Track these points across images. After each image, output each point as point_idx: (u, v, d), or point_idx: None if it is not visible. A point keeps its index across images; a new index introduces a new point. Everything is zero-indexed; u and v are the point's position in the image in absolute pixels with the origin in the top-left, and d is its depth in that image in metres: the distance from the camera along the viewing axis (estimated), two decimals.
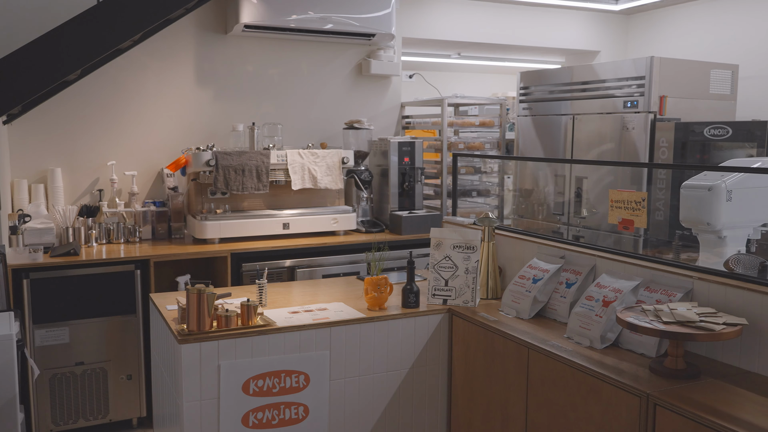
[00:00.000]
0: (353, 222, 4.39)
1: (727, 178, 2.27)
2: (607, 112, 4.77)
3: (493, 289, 2.91)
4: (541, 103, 5.31)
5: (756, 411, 1.76)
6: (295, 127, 4.77)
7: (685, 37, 5.61)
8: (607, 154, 4.74)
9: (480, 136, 5.32)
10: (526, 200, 5.46)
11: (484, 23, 5.52)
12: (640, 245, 4.54)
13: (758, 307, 2.01)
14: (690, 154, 4.36)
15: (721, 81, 4.70)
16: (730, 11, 5.24)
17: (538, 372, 2.30)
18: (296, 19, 4.38)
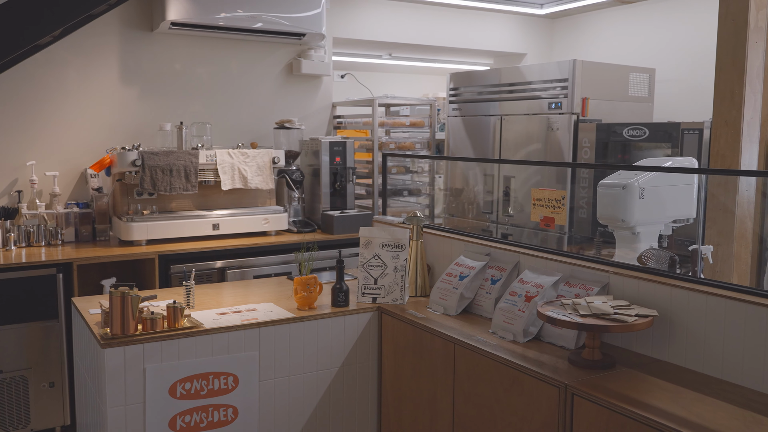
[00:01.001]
0: (285, 222, 4.37)
1: (639, 176, 2.38)
2: (533, 113, 4.91)
3: (421, 286, 2.96)
4: (471, 104, 5.42)
5: (665, 397, 1.86)
6: (225, 127, 4.71)
7: (606, 41, 5.83)
8: (535, 154, 4.88)
9: (411, 136, 5.38)
10: (456, 199, 5.56)
11: (415, 25, 5.59)
12: (564, 242, 4.69)
13: (668, 299, 2.12)
14: (612, 154, 4.53)
15: (639, 84, 4.91)
16: (647, 17, 5.48)
17: (464, 367, 2.36)
18: (225, 17, 4.33)
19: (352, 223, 4.42)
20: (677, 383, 1.96)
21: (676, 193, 2.44)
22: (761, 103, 2.93)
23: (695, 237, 3.37)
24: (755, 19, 2.81)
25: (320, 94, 5.12)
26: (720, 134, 2.94)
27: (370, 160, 4.98)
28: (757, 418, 1.72)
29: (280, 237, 4.31)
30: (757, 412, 1.76)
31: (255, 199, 4.40)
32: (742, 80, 2.83)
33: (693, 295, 2.05)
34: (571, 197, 4.58)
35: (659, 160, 2.60)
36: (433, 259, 3.11)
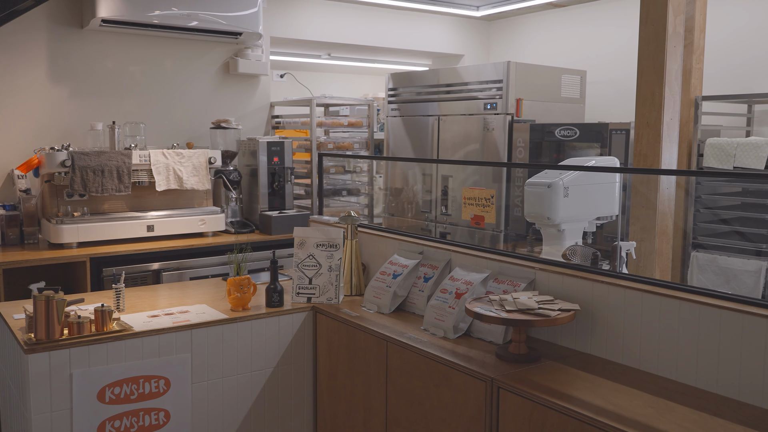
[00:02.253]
0: (222, 223, 4.33)
1: (564, 175, 2.46)
2: (470, 113, 4.99)
3: (356, 285, 2.98)
4: (410, 104, 5.48)
5: (585, 388, 1.93)
6: (160, 127, 4.63)
7: (540, 43, 5.97)
8: (473, 154, 4.97)
9: (351, 136, 5.40)
10: (396, 199, 5.60)
11: (354, 25, 5.61)
12: (501, 240, 4.79)
13: (590, 293, 2.20)
14: (546, 154, 4.65)
15: (571, 85, 5.05)
16: (579, 21, 5.64)
17: (396, 364, 2.39)
18: (159, 15, 4.26)
19: (290, 223, 4.41)
20: (597, 374, 2.03)
21: (599, 192, 2.53)
22: (680, 105, 3.07)
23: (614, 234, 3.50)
24: (673, 24, 2.93)
25: (258, 94, 5.08)
26: (642, 135, 3.06)
27: (309, 160, 4.98)
28: (669, 405, 1.81)
29: (217, 238, 4.27)
30: (670, 399, 1.85)
31: (191, 200, 4.35)
32: (662, 83, 2.95)
33: (612, 289, 2.13)
34: (506, 196, 4.68)
35: (584, 159, 2.69)
36: (368, 258, 3.14)
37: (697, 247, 4.17)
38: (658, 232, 3.02)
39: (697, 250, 4.16)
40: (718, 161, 3.98)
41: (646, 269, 3.07)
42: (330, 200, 5.37)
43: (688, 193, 4.16)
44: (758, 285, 3.84)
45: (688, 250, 4.19)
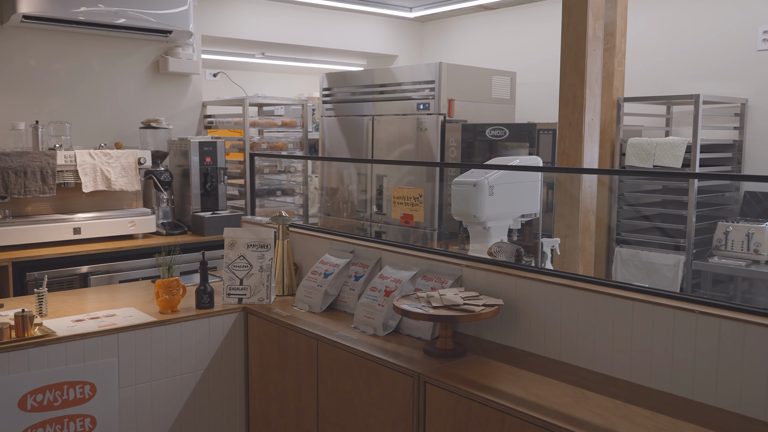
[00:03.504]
0: (152, 224, 4.25)
1: (489, 174, 2.53)
2: (404, 113, 5.05)
3: (288, 285, 2.98)
4: (345, 104, 5.50)
5: (507, 380, 1.99)
6: (87, 126, 4.51)
7: (472, 45, 6.09)
8: (408, 154, 5.03)
9: (286, 136, 5.39)
10: (332, 198, 5.62)
11: (288, 24, 5.59)
12: (435, 238, 4.87)
13: (513, 289, 2.27)
14: (479, 153, 4.75)
15: (501, 86, 5.17)
16: (509, 23, 5.78)
17: (326, 362, 2.41)
18: (85, 11, 4.14)
19: (223, 224, 4.36)
20: (520, 366, 2.10)
21: (523, 190, 2.61)
22: (600, 106, 3.19)
23: (548, 230, 3.62)
24: (593, 28, 3.05)
25: (189, 93, 5.01)
26: (565, 135, 3.17)
27: (243, 161, 4.94)
28: (586, 394, 1.89)
29: (148, 240, 4.19)
30: (587, 388, 1.93)
31: (120, 201, 4.25)
32: (583, 85, 3.07)
33: (534, 284, 2.21)
34: (439, 195, 4.76)
35: (509, 159, 2.77)
36: (300, 257, 3.15)
37: (621, 242, 4.34)
38: (581, 228, 3.14)
39: (620, 245, 4.33)
40: (639, 160, 4.15)
41: (570, 265, 3.19)
42: (265, 200, 5.34)
43: (611, 191, 4.33)
44: (677, 277, 4.03)
45: (613, 245, 4.35)
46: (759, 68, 4.27)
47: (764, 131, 4.27)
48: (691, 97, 3.96)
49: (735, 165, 4.35)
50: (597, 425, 1.69)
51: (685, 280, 4.00)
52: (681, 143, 4.00)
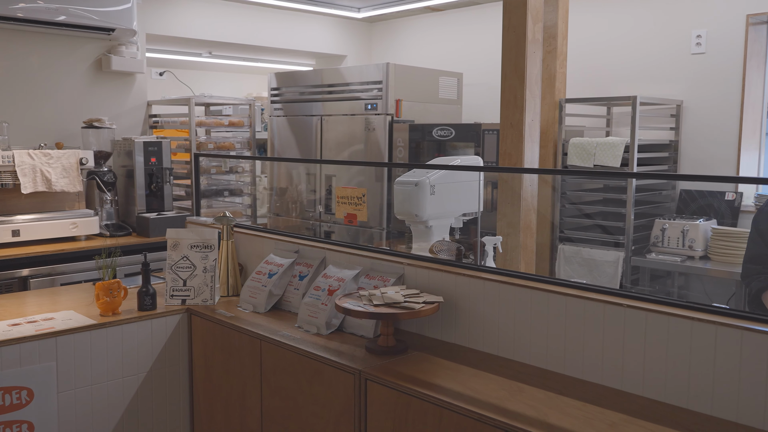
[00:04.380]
0: (96, 226, 4.18)
1: (431, 174, 2.58)
2: (352, 113, 5.07)
3: (233, 286, 2.97)
4: (293, 104, 5.49)
5: (446, 376, 2.03)
6: (26, 126, 4.40)
7: (420, 46, 6.15)
8: (357, 153, 5.06)
9: (233, 135, 5.35)
10: (281, 198, 5.60)
11: (235, 23, 5.55)
12: (383, 237, 4.91)
13: (453, 286, 2.32)
14: (428, 153, 4.80)
15: (448, 87, 5.24)
16: (456, 24, 5.85)
17: (270, 362, 2.42)
18: (24, 8, 4.04)
19: (169, 224, 4.31)
20: (459, 362, 2.15)
21: (463, 189, 2.66)
22: (540, 107, 3.27)
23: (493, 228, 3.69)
24: (532, 31, 3.13)
25: (134, 92, 4.93)
26: (506, 135, 3.24)
27: (190, 161, 4.89)
28: (521, 387, 1.94)
29: (91, 242, 4.11)
30: (522, 381, 1.98)
31: (62, 202, 4.17)
32: (523, 86, 3.14)
33: (473, 281, 2.26)
34: (387, 194, 4.80)
35: (450, 158, 2.82)
36: (245, 258, 3.14)
37: (564, 240, 4.46)
38: (522, 226, 3.21)
39: (563, 243, 4.44)
40: (580, 159, 4.26)
41: (512, 262, 3.26)
42: (213, 201, 5.30)
43: (555, 190, 4.43)
44: (617, 273, 4.15)
45: (556, 243, 4.46)
46: (693, 71, 4.43)
47: (698, 131, 4.44)
48: (629, 99, 4.09)
49: (671, 164, 4.51)
50: (530, 417, 1.75)
51: (625, 276, 4.13)
52: (620, 143, 4.12)
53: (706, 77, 4.38)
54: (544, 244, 4.40)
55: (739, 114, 4.26)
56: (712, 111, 4.37)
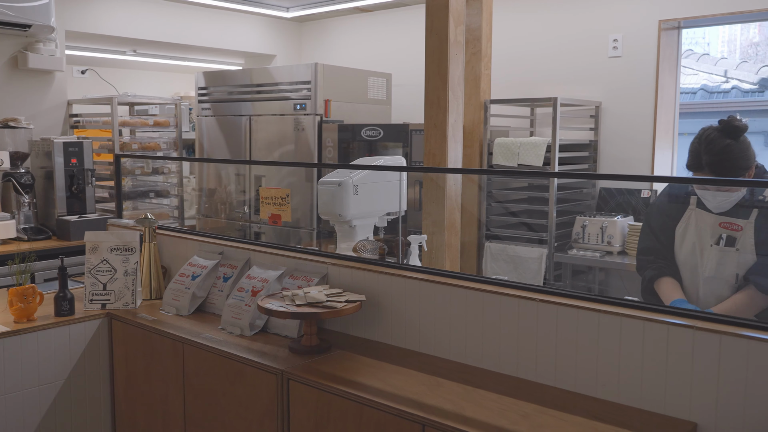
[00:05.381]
0: (12, 230, 4.02)
1: (354, 174, 2.60)
2: (282, 113, 5.05)
3: (156, 289, 2.92)
4: (222, 104, 5.42)
5: (368, 373, 2.06)
6: None
7: (350, 46, 6.17)
8: (287, 154, 5.03)
9: (160, 136, 5.24)
10: (210, 199, 5.52)
11: (160, 21, 5.44)
12: (314, 237, 4.91)
13: (376, 284, 2.35)
14: (358, 153, 4.83)
15: (377, 87, 5.29)
16: (385, 25, 5.90)
17: (192, 365, 2.39)
18: None
19: (90, 227, 4.19)
20: (381, 359, 2.18)
21: (387, 189, 2.70)
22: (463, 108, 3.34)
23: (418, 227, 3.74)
24: (454, 34, 3.19)
25: (53, 91, 4.77)
26: (431, 135, 3.30)
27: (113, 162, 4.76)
28: (440, 382, 1.99)
29: (7, 246, 3.96)
30: (442, 377, 2.03)
31: None
32: (446, 88, 3.20)
33: (395, 279, 2.30)
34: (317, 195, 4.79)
35: (373, 159, 2.85)
36: (169, 260, 3.09)
37: (491, 238, 4.56)
38: (447, 225, 3.28)
39: (490, 240, 4.55)
40: (504, 159, 4.37)
41: (437, 261, 3.32)
42: (139, 203, 5.18)
43: (481, 189, 4.53)
44: (540, 269, 4.28)
45: (483, 241, 4.56)
46: (610, 74, 4.61)
47: (616, 132, 4.62)
48: (550, 100, 4.22)
49: (591, 163, 4.68)
50: (447, 410, 1.79)
51: (548, 272, 4.26)
52: (542, 143, 4.25)
53: (623, 80, 4.56)
54: (471, 242, 4.49)
55: (653, 115, 4.45)
56: (628, 112, 4.56)
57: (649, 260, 2.39)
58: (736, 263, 2.20)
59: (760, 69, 7.56)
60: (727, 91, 7.29)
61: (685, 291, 2.32)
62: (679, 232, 2.33)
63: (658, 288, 2.35)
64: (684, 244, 2.32)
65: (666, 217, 2.38)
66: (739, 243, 2.19)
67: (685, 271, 2.32)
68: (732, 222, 2.21)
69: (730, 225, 2.21)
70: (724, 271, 2.22)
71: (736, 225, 2.20)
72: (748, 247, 2.18)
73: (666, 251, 2.37)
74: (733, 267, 2.21)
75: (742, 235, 2.19)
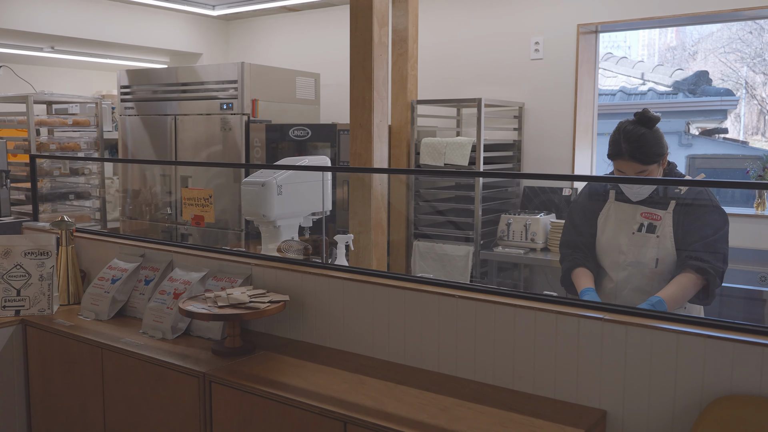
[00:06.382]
0: None
1: (278, 174, 2.60)
2: (208, 113, 4.98)
3: (74, 294, 2.84)
4: (147, 103, 5.30)
5: (291, 373, 2.07)
6: None
7: (278, 45, 6.13)
8: (216, 154, 4.96)
9: (80, 135, 5.08)
10: (134, 201, 5.39)
11: (81, 17, 5.26)
12: (242, 237, 4.86)
13: (300, 284, 2.35)
14: (287, 153, 4.80)
15: (306, 87, 5.27)
16: (313, 24, 5.89)
17: (112, 370, 2.33)
18: None
19: (5, 231, 3.99)
20: (306, 359, 2.19)
21: (311, 189, 2.70)
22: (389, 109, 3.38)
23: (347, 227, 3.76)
24: (378, 35, 3.23)
25: None
26: (356, 135, 3.32)
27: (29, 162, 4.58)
28: (362, 379, 2.01)
29: None
30: (365, 374, 2.05)
31: None
32: (371, 88, 3.23)
33: (318, 279, 2.31)
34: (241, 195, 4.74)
35: (298, 159, 2.85)
36: (89, 264, 3.00)
37: (419, 236, 4.62)
38: (373, 225, 3.30)
39: (418, 239, 4.61)
40: (431, 159, 4.44)
41: (364, 260, 3.34)
42: (58, 205, 5.01)
43: (409, 188, 4.59)
44: (467, 267, 4.37)
45: (411, 239, 4.62)
46: (532, 75, 4.75)
47: (538, 132, 4.76)
48: (475, 101, 4.31)
49: (516, 162, 4.80)
50: (368, 407, 1.82)
51: (474, 269, 4.35)
52: (467, 143, 4.34)
53: (544, 81, 4.70)
54: (399, 241, 4.54)
55: (573, 115, 4.61)
56: (550, 113, 4.70)
57: (567, 253, 2.52)
58: (656, 249, 2.35)
59: (674, 72, 7.93)
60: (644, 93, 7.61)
61: (609, 277, 2.46)
62: (600, 223, 2.47)
63: (573, 278, 2.47)
64: (605, 233, 2.46)
65: (587, 212, 2.52)
66: (659, 231, 2.35)
67: (609, 258, 2.45)
68: (651, 212, 2.37)
69: (650, 215, 2.37)
70: (644, 257, 2.37)
71: (656, 215, 2.36)
72: (667, 235, 2.34)
73: (585, 244, 2.49)
74: (653, 253, 2.37)
75: (662, 224, 2.35)
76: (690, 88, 7.57)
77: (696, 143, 7.46)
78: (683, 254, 2.33)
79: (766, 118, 15.17)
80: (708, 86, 7.78)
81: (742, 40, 14.21)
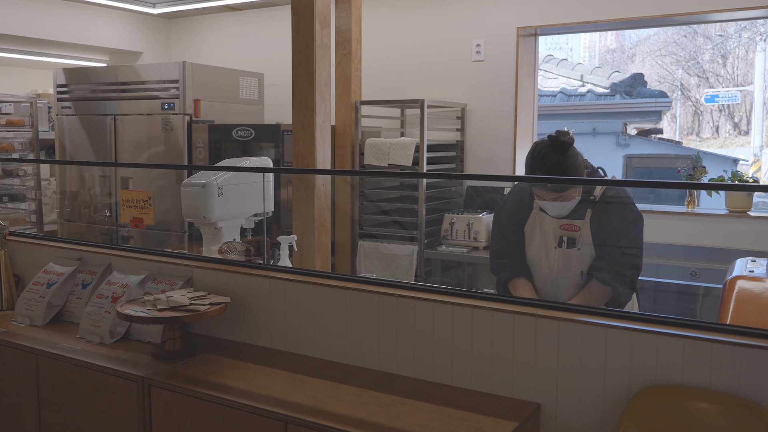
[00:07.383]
0: None
1: (218, 176, 2.58)
2: (149, 113, 4.89)
3: (7, 299, 2.76)
4: (85, 102, 5.17)
5: (232, 374, 2.06)
6: None
7: (221, 45, 6.07)
8: (157, 155, 4.88)
9: (15, 136, 4.93)
10: (72, 203, 5.26)
11: (14, 13, 5.10)
12: (185, 239, 4.80)
13: (241, 285, 2.35)
14: (230, 154, 4.76)
15: (249, 87, 5.24)
16: (256, 24, 5.85)
17: (48, 377, 2.28)
18: None
19: None
20: (247, 360, 2.18)
21: (253, 190, 2.70)
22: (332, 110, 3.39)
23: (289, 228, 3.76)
24: (320, 36, 3.24)
25: None
26: (299, 136, 3.33)
27: None
28: (304, 379, 2.02)
29: None
30: (306, 374, 2.06)
31: None
32: (313, 89, 3.24)
33: (259, 280, 2.31)
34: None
35: (239, 160, 2.84)
36: (23, 268, 2.92)
37: (364, 236, 4.65)
38: (317, 225, 3.31)
39: (364, 239, 4.63)
40: (375, 159, 4.47)
41: (308, 260, 3.35)
42: None
43: (354, 189, 4.61)
44: (412, 266, 4.42)
45: (356, 239, 4.64)
46: (474, 77, 4.83)
47: (480, 133, 4.84)
48: (418, 102, 4.37)
49: (458, 162, 4.88)
50: (309, 407, 1.83)
51: (419, 268, 4.41)
52: (411, 143, 4.39)
53: (486, 83, 4.79)
54: (345, 241, 4.56)
55: (513, 117, 4.71)
56: (491, 114, 4.79)
57: (502, 263, 2.51)
58: (579, 262, 2.38)
59: (612, 74, 8.18)
60: (583, 95, 7.83)
61: (538, 290, 2.47)
62: (527, 232, 2.47)
63: (512, 290, 2.48)
64: (532, 245, 2.46)
65: (514, 217, 2.50)
66: (579, 242, 2.37)
67: (536, 271, 2.46)
68: (570, 224, 2.38)
69: (569, 226, 2.38)
70: (569, 271, 2.39)
71: (575, 226, 2.38)
72: (588, 244, 2.36)
73: (517, 252, 2.49)
74: (577, 266, 2.39)
75: (581, 234, 2.37)
76: (626, 89, 7.83)
77: (633, 143, 7.71)
78: (594, 263, 2.35)
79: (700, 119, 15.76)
80: (643, 88, 8.05)
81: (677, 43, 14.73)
